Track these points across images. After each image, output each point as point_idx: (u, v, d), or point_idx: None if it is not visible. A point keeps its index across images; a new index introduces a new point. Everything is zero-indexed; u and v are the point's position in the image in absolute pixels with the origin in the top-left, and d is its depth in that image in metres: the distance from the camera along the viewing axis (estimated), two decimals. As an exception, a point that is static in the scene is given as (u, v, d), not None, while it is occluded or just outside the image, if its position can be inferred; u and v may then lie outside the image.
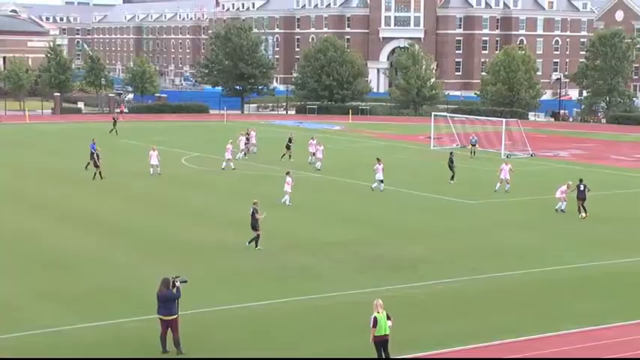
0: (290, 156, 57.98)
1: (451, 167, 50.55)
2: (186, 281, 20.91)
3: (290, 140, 59.10)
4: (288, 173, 41.96)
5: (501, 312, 24.39)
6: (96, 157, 48.73)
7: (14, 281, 26.62)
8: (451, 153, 52.17)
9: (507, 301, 25.55)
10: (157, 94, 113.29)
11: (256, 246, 31.44)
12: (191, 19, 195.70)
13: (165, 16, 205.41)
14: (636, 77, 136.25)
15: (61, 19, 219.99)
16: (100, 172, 48.22)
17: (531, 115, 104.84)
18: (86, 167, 50.92)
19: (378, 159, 46.50)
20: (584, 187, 39.81)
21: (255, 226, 31.55)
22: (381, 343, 19.46)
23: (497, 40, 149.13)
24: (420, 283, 27.15)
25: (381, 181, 45.64)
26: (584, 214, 39.21)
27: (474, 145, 64.37)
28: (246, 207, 40.25)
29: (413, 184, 48.56)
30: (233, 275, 27.89)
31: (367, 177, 50.58)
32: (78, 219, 37.11)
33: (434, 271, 28.71)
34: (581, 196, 39.51)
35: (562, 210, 40.25)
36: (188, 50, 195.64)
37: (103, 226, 35.54)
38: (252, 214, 31.73)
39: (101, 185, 46.65)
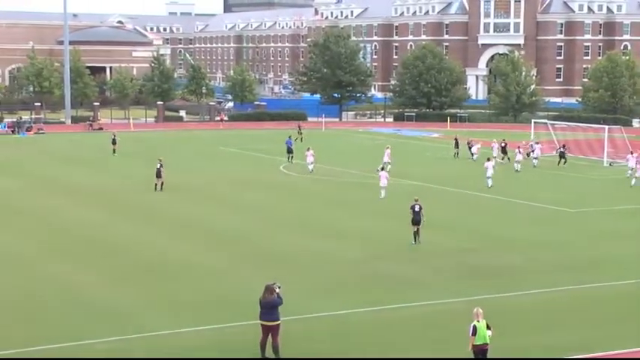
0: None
1: (563, 155, 60.88)
2: (280, 287, 21.13)
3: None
4: (382, 169, 43.99)
5: (603, 324, 23.93)
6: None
7: (122, 289, 27.32)
8: (564, 145, 62.16)
9: (608, 312, 25.07)
10: (256, 102, 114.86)
11: (417, 240, 33.74)
12: (290, 27, 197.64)
13: (265, 24, 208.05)
14: None
15: (164, 30, 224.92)
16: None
17: (636, 122, 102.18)
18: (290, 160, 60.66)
19: (488, 158, 51.97)
20: None
21: (418, 221, 33.78)
22: (481, 352, 19.38)
23: (599, 46, 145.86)
24: (519, 293, 26.87)
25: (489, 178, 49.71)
26: None
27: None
28: (343, 215, 40.63)
29: (511, 192, 47.97)
30: (330, 283, 28.06)
31: (471, 185, 50.30)
32: (180, 225, 38.01)
33: (532, 281, 28.35)
34: None
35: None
36: (287, 58, 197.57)
37: (202, 233, 36.29)
38: (418, 211, 33.96)
39: (211, 193, 47.55)
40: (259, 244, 33.98)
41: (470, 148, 66.19)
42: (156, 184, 47.42)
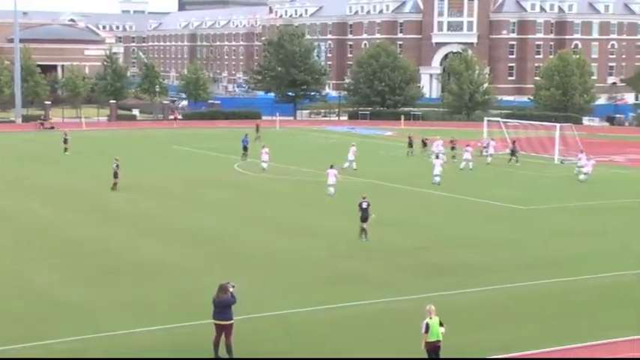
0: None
1: (514, 152, 62.10)
2: (234, 286, 21.04)
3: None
4: (331, 166, 45.70)
5: (556, 319, 24.23)
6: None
7: (86, 289, 27.01)
8: (514, 142, 63.86)
9: (562, 307, 25.37)
10: (210, 101, 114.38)
11: (365, 237, 34.14)
12: (244, 26, 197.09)
13: (218, 23, 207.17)
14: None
15: (117, 28, 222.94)
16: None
17: (586, 120, 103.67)
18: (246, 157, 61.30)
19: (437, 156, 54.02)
20: None
21: (366, 218, 34.31)
22: (433, 349, 19.45)
23: (551, 45, 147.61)
24: (472, 290, 27.07)
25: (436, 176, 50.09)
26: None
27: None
28: (301, 214, 40.65)
29: (464, 190, 48.35)
30: (288, 282, 28.03)
31: (425, 184, 50.62)
32: (145, 225, 37.74)
33: (486, 279, 28.57)
34: None
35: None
36: (241, 57, 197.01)
37: (166, 233, 36.07)
38: (366, 208, 34.38)
39: (167, 192, 47.23)
40: (220, 243, 33.87)
41: (424, 145, 66.94)
42: (114, 184, 46.98)
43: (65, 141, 65.61)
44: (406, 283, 27.88)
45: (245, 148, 62.04)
